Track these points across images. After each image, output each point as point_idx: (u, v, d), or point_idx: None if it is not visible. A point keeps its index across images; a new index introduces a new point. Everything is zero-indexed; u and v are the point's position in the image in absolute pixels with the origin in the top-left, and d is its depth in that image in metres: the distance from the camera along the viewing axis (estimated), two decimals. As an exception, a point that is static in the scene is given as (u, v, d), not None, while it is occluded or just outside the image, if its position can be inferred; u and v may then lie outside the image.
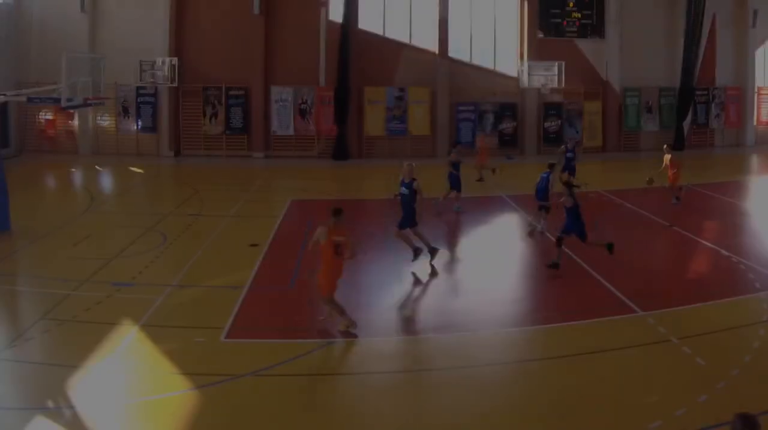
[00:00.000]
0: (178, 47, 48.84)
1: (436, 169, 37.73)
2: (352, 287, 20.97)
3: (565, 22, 50.98)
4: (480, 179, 36.39)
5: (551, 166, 27.90)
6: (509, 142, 50.12)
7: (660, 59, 52.36)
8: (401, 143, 49.62)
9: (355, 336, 16.98)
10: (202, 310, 18.96)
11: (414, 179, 23.16)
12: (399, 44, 50.40)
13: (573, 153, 33.58)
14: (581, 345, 16.58)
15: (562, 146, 35.51)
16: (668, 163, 32.25)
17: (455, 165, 31.22)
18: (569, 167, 33.42)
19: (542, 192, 27.38)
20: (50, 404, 13.62)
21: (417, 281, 22.03)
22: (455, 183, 31.09)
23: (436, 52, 49.94)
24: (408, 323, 18.98)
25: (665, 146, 34.06)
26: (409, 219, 23.25)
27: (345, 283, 20.49)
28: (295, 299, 20.54)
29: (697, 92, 52.71)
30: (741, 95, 54.46)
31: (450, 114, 50.25)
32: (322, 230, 17.07)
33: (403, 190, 23.14)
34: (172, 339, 16.85)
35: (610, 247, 22.27)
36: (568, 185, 22.31)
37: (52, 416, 13.16)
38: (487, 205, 32.52)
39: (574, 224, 22.07)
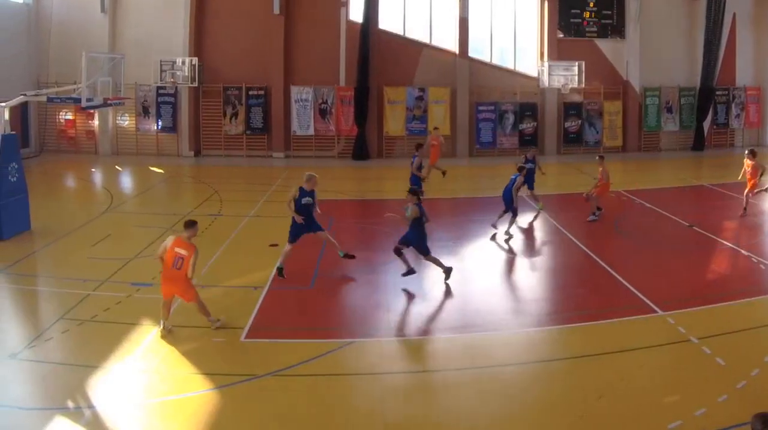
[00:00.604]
0: (198, 47, 48.94)
1: (455, 169, 37.87)
2: (372, 287, 21.26)
3: (585, 22, 50.88)
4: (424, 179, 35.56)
5: (521, 169, 27.60)
6: (529, 143, 49.74)
7: (680, 59, 52.20)
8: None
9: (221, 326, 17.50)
10: (221, 310, 18.83)
11: (314, 190, 22.53)
12: (419, 44, 50.39)
13: (533, 163, 32.51)
14: (601, 345, 16.58)
15: (523, 156, 34.03)
16: (599, 174, 31.30)
17: (419, 168, 31.64)
18: (530, 178, 31.76)
19: (508, 194, 27.13)
20: (70, 404, 13.67)
21: (437, 282, 21.90)
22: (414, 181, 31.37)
23: (456, 52, 49.92)
24: (428, 323, 18.88)
25: (598, 157, 33.18)
26: (315, 224, 22.73)
27: (365, 283, 21.00)
28: (315, 299, 20.59)
29: (717, 92, 52.53)
30: (761, 95, 54.24)
31: (470, 114, 50.18)
32: (170, 239, 17.46)
33: (308, 199, 22.37)
34: (192, 339, 16.92)
35: (448, 272, 21.46)
36: (415, 193, 21.51)
37: (72, 417, 13.20)
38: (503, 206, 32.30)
39: (414, 236, 21.24)
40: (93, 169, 44.87)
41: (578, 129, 50.97)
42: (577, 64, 48.01)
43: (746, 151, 30.91)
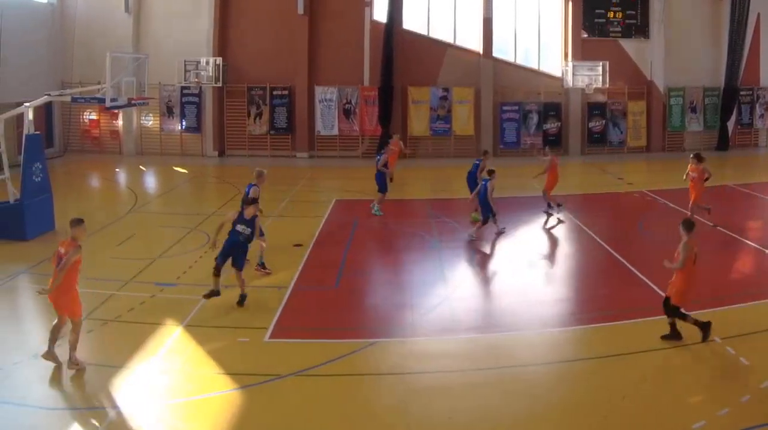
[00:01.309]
0: (222, 47, 49.05)
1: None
2: (395, 287, 21.30)
3: (609, 22, 50.74)
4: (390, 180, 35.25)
5: (491, 172, 26.92)
6: (553, 143, 49.39)
7: (704, 59, 51.93)
8: (445, 144, 49.70)
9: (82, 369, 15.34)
10: (245, 310, 19.03)
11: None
12: (443, 44, 50.32)
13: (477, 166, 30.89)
14: (625, 345, 16.56)
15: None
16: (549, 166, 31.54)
17: (385, 165, 31.55)
18: (472, 180, 30.55)
19: (483, 198, 26.64)
20: (94, 404, 13.75)
21: (460, 281, 22.04)
22: (382, 185, 31.32)
23: (480, 52, 49.85)
24: (451, 323, 18.78)
25: (546, 148, 33.95)
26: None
27: (389, 283, 21.19)
28: (338, 299, 20.59)
29: (741, 92, 52.21)
30: (786, 95, 53.83)
31: (494, 114, 50.12)
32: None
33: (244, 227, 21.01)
34: (216, 339, 16.95)
35: (241, 299, 19.84)
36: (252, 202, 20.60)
37: (96, 417, 13.26)
38: (530, 206, 32.35)
39: (234, 248, 19.99)
40: (117, 169, 45.04)
41: (602, 129, 50.81)
42: (601, 64, 47.86)
43: (691, 155, 29.14)
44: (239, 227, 19.58)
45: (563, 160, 45.41)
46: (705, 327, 16.70)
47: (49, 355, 15.21)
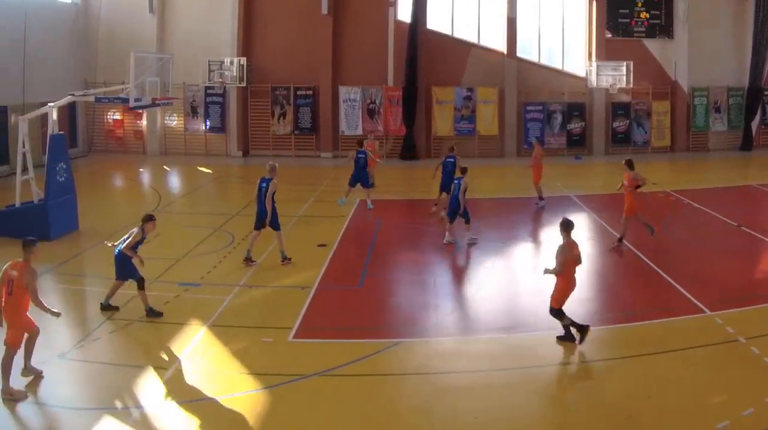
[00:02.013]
0: (246, 47, 49.16)
1: (502, 169, 37.85)
2: (419, 287, 21.30)
3: (633, 22, 50.57)
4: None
5: (464, 170, 26.59)
6: (577, 143, 50.01)
7: (728, 59, 51.69)
8: (469, 143, 49.45)
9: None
10: (269, 310, 19.11)
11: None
12: (467, 44, 50.35)
13: (454, 159, 30.57)
14: (649, 345, 16.55)
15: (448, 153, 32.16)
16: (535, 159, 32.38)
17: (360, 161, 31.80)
18: (447, 177, 30.28)
19: (454, 201, 26.15)
20: (118, 404, 13.80)
21: (484, 282, 22.10)
22: (366, 179, 31.99)
23: (504, 52, 49.81)
24: (474, 323, 18.90)
25: (535, 139, 35.65)
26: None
27: (413, 283, 21.22)
28: (362, 299, 20.62)
29: (766, 92, 51.90)
30: (809, 95, 53.50)
31: (518, 114, 50.08)
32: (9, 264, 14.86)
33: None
34: (240, 339, 16.99)
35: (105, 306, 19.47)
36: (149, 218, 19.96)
37: (120, 416, 13.32)
38: (554, 206, 32.31)
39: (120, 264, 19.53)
40: (141, 169, 45.18)
41: (626, 129, 50.66)
42: (625, 64, 47.74)
43: (623, 162, 27.47)
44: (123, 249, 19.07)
45: (587, 160, 46.04)
46: (583, 330, 16.80)
47: (28, 371, 14.78)
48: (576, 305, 19.46)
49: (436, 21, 50.01)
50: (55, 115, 27.28)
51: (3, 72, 38.37)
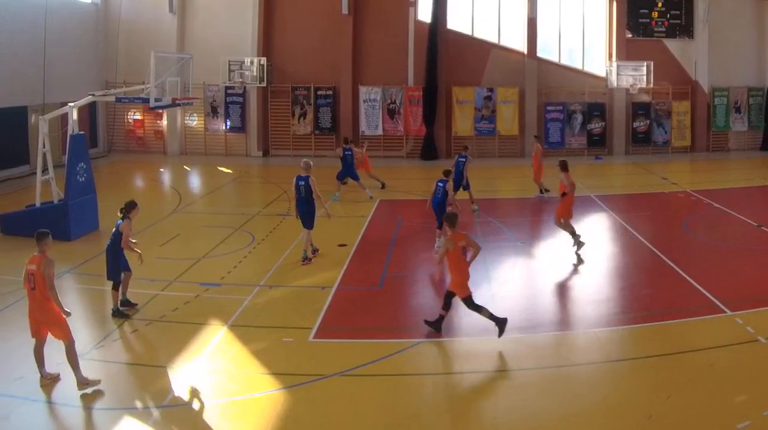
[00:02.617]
0: (266, 47, 49.24)
1: (522, 169, 37.82)
2: (440, 287, 21.31)
3: (653, 22, 50.46)
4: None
5: (447, 173, 26.10)
6: (598, 143, 49.95)
7: (749, 59, 51.50)
8: (489, 143, 49.67)
9: None
10: (290, 310, 19.11)
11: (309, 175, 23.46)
12: (487, 44, 50.30)
13: (465, 159, 31.57)
14: (669, 345, 16.54)
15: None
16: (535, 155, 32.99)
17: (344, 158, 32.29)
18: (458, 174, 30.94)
19: (439, 204, 25.53)
20: (138, 404, 13.84)
21: (505, 281, 22.10)
22: (352, 173, 32.68)
23: (525, 52, 49.79)
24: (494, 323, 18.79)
25: (534, 137, 36.33)
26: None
27: (433, 283, 21.47)
28: (383, 299, 20.63)
29: (786, 92, 51.77)
30: (830, 95, 53.32)
31: (538, 114, 50.04)
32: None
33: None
34: (260, 339, 17.00)
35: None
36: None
37: (140, 417, 13.37)
38: (575, 206, 32.03)
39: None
40: (161, 169, 45.22)
41: (647, 129, 50.50)
42: (645, 64, 47.67)
43: (558, 163, 26.58)
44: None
45: (608, 160, 46.13)
46: (501, 323, 17.07)
47: (46, 378, 14.61)
48: (597, 306, 19.57)
49: (457, 21, 49.95)
50: (75, 115, 27.37)
51: (23, 72, 38.60)
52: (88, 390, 14.08)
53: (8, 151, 39.09)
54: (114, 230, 19.39)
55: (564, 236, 25.45)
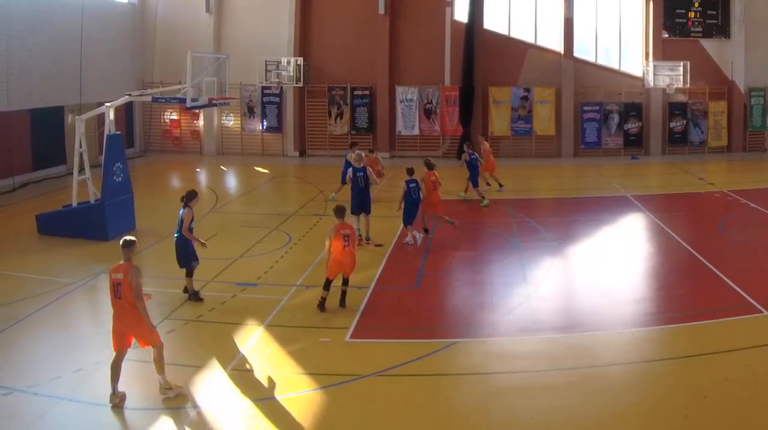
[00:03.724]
0: (303, 47, 49.36)
1: (559, 169, 37.77)
2: (476, 287, 21.31)
3: (690, 22, 50.19)
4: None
5: (410, 171, 26.75)
6: (634, 143, 49.74)
7: (785, 59, 51.19)
8: (526, 144, 49.63)
9: None
10: (326, 310, 19.04)
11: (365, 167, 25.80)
12: (524, 44, 50.24)
13: (475, 155, 32.89)
14: (706, 345, 16.45)
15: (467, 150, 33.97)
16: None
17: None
18: (474, 172, 32.65)
19: (414, 204, 26.23)
20: (175, 404, 13.91)
21: (541, 281, 22.03)
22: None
23: (561, 51, 49.68)
24: (531, 323, 18.74)
25: (481, 136, 36.20)
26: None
27: (469, 283, 21.33)
28: (419, 299, 20.62)
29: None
30: None
31: (575, 114, 49.90)
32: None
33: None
34: (297, 339, 17.03)
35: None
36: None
37: (177, 417, 13.45)
38: (611, 206, 32.36)
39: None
40: (198, 169, 45.33)
41: (683, 129, 50.24)
42: (682, 64, 47.48)
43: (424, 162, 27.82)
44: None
45: (644, 160, 46.19)
46: (341, 299, 19.04)
47: (116, 397, 13.98)
48: (633, 306, 19.50)
49: (493, 21, 49.95)
50: (112, 115, 27.44)
51: (60, 72, 38.90)
52: (171, 394, 14.09)
53: (45, 152, 39.21)
54: (178, 219, 19.76)
55: (601, 237, 25.45)
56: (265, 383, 14.89)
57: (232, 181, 42.95)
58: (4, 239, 26.80)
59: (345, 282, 19.37)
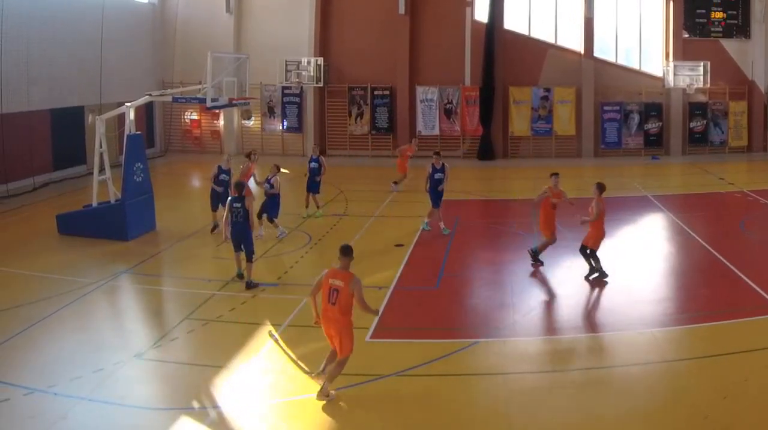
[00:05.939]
0: (323, 47, 49.43)
1: (579, 169, 37.76)
2: (496, 287, 21.41)
3: (710, 22, 50.09)
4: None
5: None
6: (655, 143, 49.64)
7: (806, 59, 50.99)
8: (546, 143, 49.63)
9: None
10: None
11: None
12: (544, 44, 50.21)
13: (317, 162, 32.15)
14: (726, 345, 16.43)
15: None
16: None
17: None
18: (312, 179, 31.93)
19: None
20: (195, 404, 13.94)
21: (561, 282, 22.06)
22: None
23: (581, 51, 49.61)
24: (552, 323, 18.89)
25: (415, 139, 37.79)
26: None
27: (490, 283, 21.39)
28: (439, 299, 20.63)
29: (844, 92, 51.14)
30: None
31: (595, 114, 49.83)
32: (324, 271, 14.73)
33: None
34: (317, 339, 16.73)
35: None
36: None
37: (197, 416, 13.47)
38: (632, 206, 32.28)
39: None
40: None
41: (703, 129, 50.15)
42: (702, 64, 47.36)
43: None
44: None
45: (665, 160, 46.15)
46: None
47: (318, 377, 14.60)
48: (653, 306, 19.49)
49: (513, 21, 49.94)
50: (132, 115, 27.55)
51: (80, 72, 39.03)
52: (325, 400, 14.01)
53: (65, 152, 39.31)
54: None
55: (622, 237, 25.43)
56: (286, 383, 14.92)
57: (251, 181, 42.85)
58: (24, 238, 26.87)
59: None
